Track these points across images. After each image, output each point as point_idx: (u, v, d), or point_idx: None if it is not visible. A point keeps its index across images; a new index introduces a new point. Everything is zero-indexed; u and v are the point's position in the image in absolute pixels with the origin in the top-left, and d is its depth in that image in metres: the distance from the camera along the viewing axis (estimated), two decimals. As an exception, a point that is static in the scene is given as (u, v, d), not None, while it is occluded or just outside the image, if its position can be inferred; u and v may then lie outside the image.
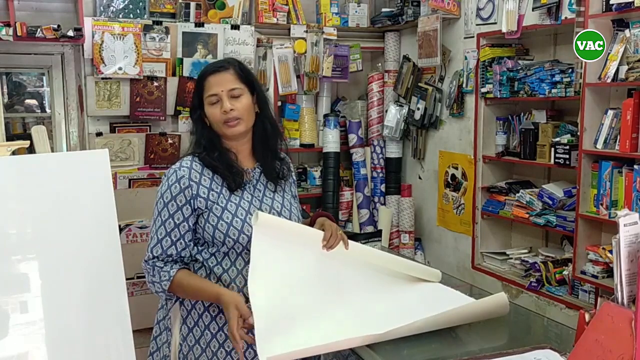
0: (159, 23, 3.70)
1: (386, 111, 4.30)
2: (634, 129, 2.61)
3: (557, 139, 3.08)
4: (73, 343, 1.75)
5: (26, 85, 4.32)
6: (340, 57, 4.20)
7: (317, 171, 4.33)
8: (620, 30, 2.71)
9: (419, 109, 4.03)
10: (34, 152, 2.32)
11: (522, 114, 3.45)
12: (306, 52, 4.08)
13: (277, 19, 4.00)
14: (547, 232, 3.44)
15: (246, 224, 1.82)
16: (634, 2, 2.54)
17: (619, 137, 2.69)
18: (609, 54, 2.71)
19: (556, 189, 3.16)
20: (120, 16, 3.65)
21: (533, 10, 3.10)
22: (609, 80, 2.70)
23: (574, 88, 2.94)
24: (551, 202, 3.14)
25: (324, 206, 4.18)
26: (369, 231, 4.21)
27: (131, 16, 3.68)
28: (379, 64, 4.44)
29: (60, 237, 1.78)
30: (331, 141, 4.19)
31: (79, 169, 1.87)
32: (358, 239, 3.44)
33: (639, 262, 1.30)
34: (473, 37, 3.60)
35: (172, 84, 3.77)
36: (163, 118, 3.78)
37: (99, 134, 3.67)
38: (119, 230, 2.63)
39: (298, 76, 4.14)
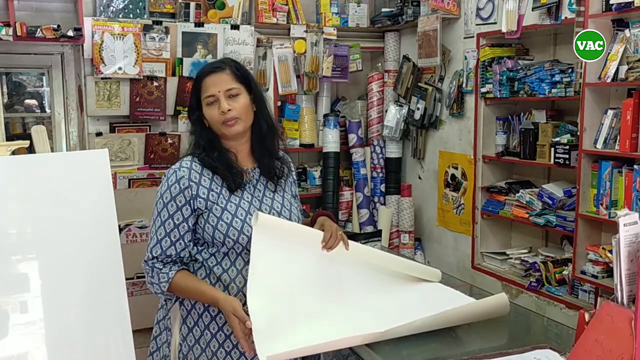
0: (159, 23, 3.70)
1: (386, 111, 4.29)
2: (634, 128, 2.61)
3: (557, 139, 3.08)
4: (73, 343, 1.75)
5: (26, 85, 4.32)
6: (340, 57, 4.20)
7: (317, 171, 4.33)
8: (620, 30, 2.71)
9: (418, 109, 4.03)
10: (33, 152, 2.32)
11: (522, 113, 3.45)
12: (306, 52, 4.08)
13: (277, 19, 4.00)
14: (547, 232, 3.44)
15: (246, 224, 1.82)
16: (633, 2, 2.54)
17: (618, 137, 2.69)
18: (608, 53, 2.71)
19: (556, 189, 3.16)
20: (120, 16, 3.65)
21: (533, 10, 3.10)
22: (608, 80, 2.70)
23: (573, 88, 2.94)
24: (551, 202, 3.14)
25: (323, 206, 4.18)
26: (368, 231, 4.21)
27: (131, 16, 3.68)
28: (379, 64, 4.44)
29: (60, 237, 1.77)
30: (331, 141, 4.19)
31: (79, 169, 1.87)
32: (358, 239, 3.43)
33: (638, 261, 1.30)
34: (473, 37, 3.60)
35: (172, 84, 3.76)
36: (163, 118, 3.78)
37: (99, 134, 3.67)
38: (119, 230, 2.63)
39: (298, 76, 4.14)
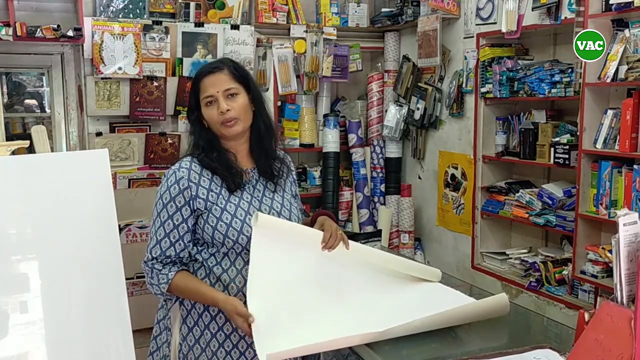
0: (159, 23, 3.69)
1: (386, 111, 4.29)
2: (634, 128, 2.61)
3: (557, 139, 3.08)
4: (73, 343, 1.75)
5: (26, 85, 4.32)
6: (340, 57, 4.19)
7: (316, 171, 4.33)
8: (619, 30, 2.71)
9: (418, 108, 4.03)
10: (33, 152, 2.32)
11: (521, 113, 3.45)
12: (306, 52, 4.08)
13: (277, 19, 4.00)
14: (547, 232, 3.44)
15: (245, 225, 1.82)
16: (633, 2, 2.54)
17: (618, 137, 2.69)
18: (608, 53, 2.71)
19: (556, 189, 3.16)
20: (120, 16, 3.64)
21: (533, 10, 3.10)
22: (608, 80, 2.70)
23: (573, 88, 2.94)
24: (551, 202, 3.14)
25: (323, 206, 4.18)
26: (368, 231, 4.21)
27: (131, 16, 3.68)
28: (379, 64, 4.44)
29: (60, 237, 1.78)
30: (331, 141, 4.19)
31: (79, 169, 1.87)
32: (358, 238, 3.44)
33: (638, 261, 1.30)
34: (473, 37, 3.60)
35: (172, 84, 3.76)
36: (163, 118, 3.78)
37: (99, 133, 3.67)
38: (119, 230, 2.63)
39: (298, 76, 4.14)
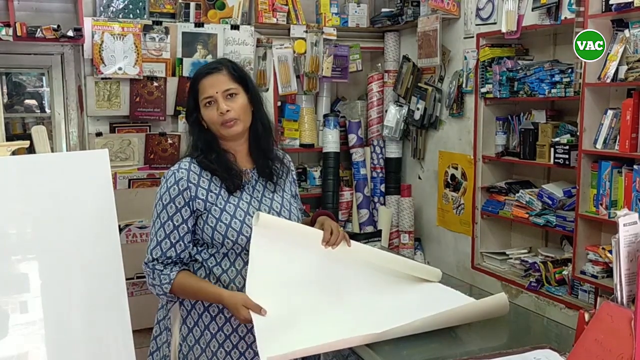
0: (159, 23, 3.70)
1: (386, 111, 4.29)
2: (634, 129, 2.61)
3: (557, 139, 3.08)
4: (73, 343, 1.76)
5: (26, 85, 4.32)
6: (340, 57, 4.20)
7: (316, 171, 4.33)
8: (619, 31, 2.71)
9: (418, 109, 4.03)
10: (34, 152, 2.32)
11: (521, 114, 3.45)
12: (306, 52, 4.08)
13: (277, 19, 4.00)
14: (547, 232, 3.44)
15: (245, 225, 1.82)
16: (633, 2, 2.54)
17: (618, 137, 2.69)
18: (608, 54, 2.71)
19: (556, 189, 3.16)
20: (120, 16, 3.65)
21: (533, 11, 3.10)
22: (608, 81, 2.70)
23: (573, 88, 2.94)
24: (551, 202, 3.14)
25: (323, 206, 4.18)
26: (368, 231, 4.21)
27: (131, 16, 3.68)
28: (379, 64, 4.44)
29: (60, 237, 1.78)
30: (331, 141, 4.19)
31: (79, 169, 1.87)
32: (358, 239, 3.41)
33: (638, 261, 1.30)
34: (473, 37, 3.60)
35: (172, 84, 3.76)
36: (163, 118, 3.78)
37: (99, 134, 3.67)
38: (119, 230, 2.63)
39: (298, 76, 4.14)
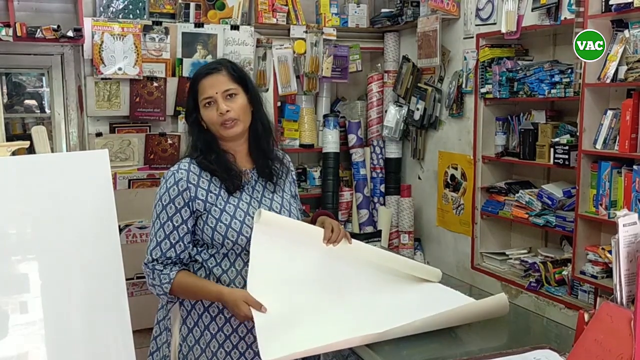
0: (159, 23, 3.70)
1: (386, 111, 4.30)
2: (633, 129, 2.61)
3: (557, 139, 3.08)
4: (73, 343, 1.76)
5: (26, 85, 4.32)
6: (340, 58, 4.20)
7: (316, 171, 4.33)
8: (619, 31, 2.71)
9: (418, 109, 4.03)
10: (34, 152, 2.32)
11: (521, 114, 3.45)
12: (306, 52, 4.08)
13: (277, 20, 4.00)
14: (547, 233, 3.44)
15: (245, 226, 1.82)
16: (633, 2, 2.55)
17: (618, 138, 2.69)
18: (608, 54, 2.71)
19: (555, 189, 3.16)
20: (120, 16, 3.65)
21: (532, 11, 3.11)
22: (608, 81, 2.70)
23: (573, 88, 2.94)
24: (550, 203, 3.14)
25: (323, 206, 4.18)
26: (368, 231, 4.21)
27: (131, 17, 3.68)
28: (379, 65, 4.44)
29: (60, 237, 1.78)
30: (331, 141, 4.19)
31: (79, 169, 1.87)
32: (358, 239, 3.40)
33: (638, 262, 1.30)
34: (472, 37, 3.60)
35: (172, 85, 3.76)
36: (163, 118, 3.78)
37: (99, 134, 3.67)
38: (119, 230, 2.63)
39: (298, 76, 4.14)
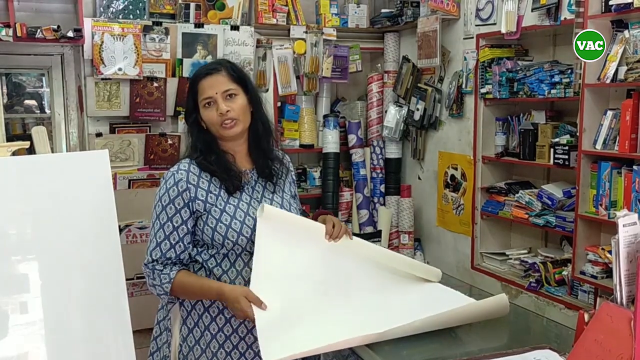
0: (159, 24, 3.70)
1: (386, 112, 4.30)
2: (633, 129, 2.61)
3: (557, 140, 3.08)
4: (73, 343, 1.76)
5: (26, 85, 4.33)
6: (340, 58, 4.20)
7: (316, 172, 4.33)
8: (619, 31, 2.71)
9: (418, 109, 4.03)
10: (34, 152, 2.32)
11: (521, 114, 3.45)
12: (306, 52, 4.08)
13: (277, 20, 4.00)
14: (547, 233, 3.44)
15: (245, 226, 1.82)
16: (633, 2, 2.55)
17: (618, 138, 2.69)
18: (608, 54, 2.71)
19: (555, 190, 3.16)
20: (120, 17, 3.65)
21: (532, 11, 3.11)
22: (608, 81, 2.70)
23: (573, 89, 2.94)
24: (550, 203, 3.14)
25: (323, 206, 4.17)
26: (368, 232, 4.21)
27: (131, 17, 3.68)
28: (379, 65, 4.44)
29: (60, 237, 1.78)
30: (331, 142, 4.19)
31: (79, 169, 1.87)
32: (358, 239, 3.44)
33: (637, 262, 1.30)
34: (472, 37, 3.60)
35: (172, 85, 3.76)
36: (163, 119, 3.78)
37: (99, 134, 3.67)
38: (119, 230, 2.63)
39: (298, 77, 4.14)
